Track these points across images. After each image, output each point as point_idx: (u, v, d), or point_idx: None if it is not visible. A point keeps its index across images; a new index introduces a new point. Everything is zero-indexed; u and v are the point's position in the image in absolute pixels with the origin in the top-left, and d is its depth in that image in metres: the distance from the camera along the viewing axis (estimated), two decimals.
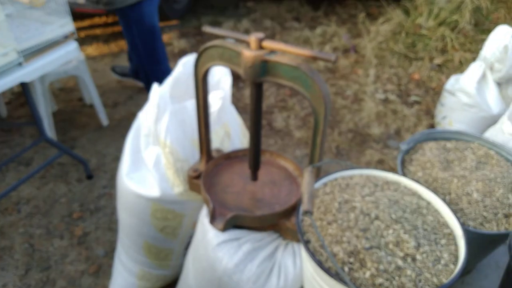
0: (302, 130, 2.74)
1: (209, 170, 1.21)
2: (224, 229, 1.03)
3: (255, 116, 1.02)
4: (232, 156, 1.28)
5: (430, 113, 2.93)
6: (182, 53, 3.64)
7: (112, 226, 2.04)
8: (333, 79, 3.29)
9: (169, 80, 1.39)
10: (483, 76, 2.47)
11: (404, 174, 1.00)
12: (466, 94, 2.45)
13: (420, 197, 0.88)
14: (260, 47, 0.91)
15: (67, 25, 1.89)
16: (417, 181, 0.91)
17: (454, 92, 2.53)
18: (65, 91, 3.16)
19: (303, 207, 0.74)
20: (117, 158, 2.49)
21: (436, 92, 3.14)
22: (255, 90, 0.98)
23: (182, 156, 1.29)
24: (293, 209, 1.07)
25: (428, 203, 0.87)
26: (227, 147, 1.38)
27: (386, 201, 0.81)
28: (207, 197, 1.08)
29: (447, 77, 3.30)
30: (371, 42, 3.56)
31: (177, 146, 1.27)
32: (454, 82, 2.57)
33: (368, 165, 2.46)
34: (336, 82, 3.25)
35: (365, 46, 3.57)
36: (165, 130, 1.24)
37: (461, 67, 3.35)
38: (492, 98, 2.44)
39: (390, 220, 0.77)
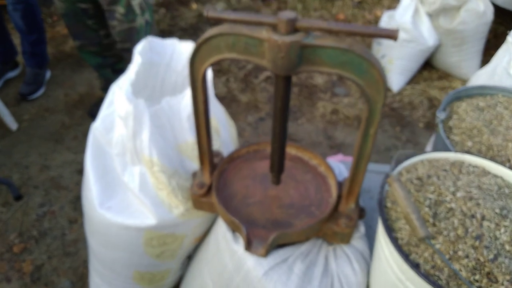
0: (247, 93, 2.55)
1: (217, 182, 1.00)
2: (267, 253, 0.86)
3: (281, 114, 0.82)
4: (235, 157, 1.07)
5: None
6: None
7: (68, 250, 1.72)
8: None
9: (128, 77, 1.09)
10: (416, 10, 2.48)
11: (453, 147, 0.91)
12: (403, 30, 2.45)
13: (491, 174, 0.79)
14: (293, 30, 0.70)
15: None
16: (478, 155, 0.82)
17: None
18: None
19: (420, 233, 0.59)
20: (44, 167, 2.08)
21: None
22: (283, 84, 0.78)
23: (171, 170, 1.04)
24: (335, 210, 0.92)
25: (503, 179, 0.78)
26: (219, 145, 1.15)
27: (476, 192, 0.70)
28: (234, 220, 0.88)
29: (370, 13, 3.30)
30: None
31: (165, 160, 1.02)
32: (388, 19, 2.55)
33: (323, 118, 2.39)
34: None
35: None
36: (148, 145, 0.98)
37: (379, 1, 3.36)
38: (427, 30, 2.48)
39: (496, 216, 0.66)
